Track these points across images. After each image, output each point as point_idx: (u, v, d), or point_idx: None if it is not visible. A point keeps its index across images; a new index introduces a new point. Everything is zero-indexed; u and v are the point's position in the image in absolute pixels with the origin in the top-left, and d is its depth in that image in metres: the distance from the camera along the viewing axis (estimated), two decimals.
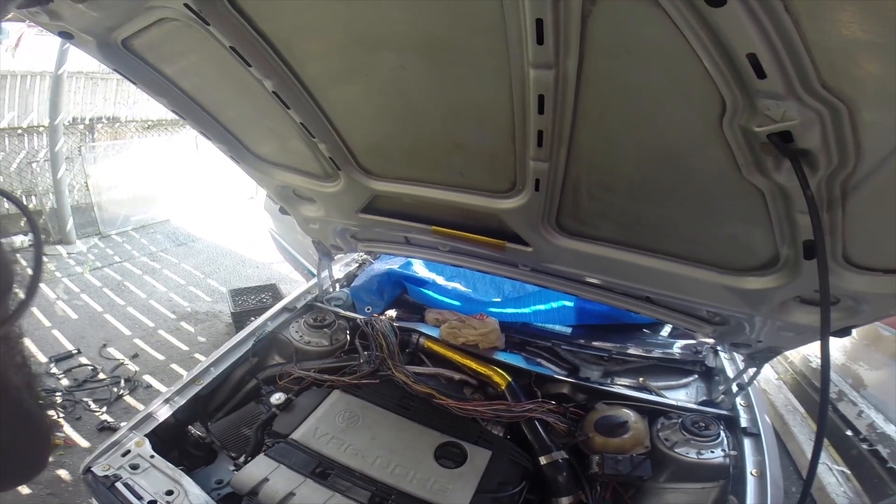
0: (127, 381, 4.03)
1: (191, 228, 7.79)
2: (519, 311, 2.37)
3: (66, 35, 1.22)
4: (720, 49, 0.74)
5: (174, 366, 4.29)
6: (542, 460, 1.64)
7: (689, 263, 1.36)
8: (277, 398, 1.75)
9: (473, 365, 1.99)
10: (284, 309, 2.29)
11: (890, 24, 0.61)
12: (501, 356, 2.03)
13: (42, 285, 5.58)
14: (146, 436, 1.58)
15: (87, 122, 7.23)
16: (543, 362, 2.11)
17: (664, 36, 0.76)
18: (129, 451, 1.52)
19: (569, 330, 2.34)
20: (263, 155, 1.74)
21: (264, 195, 4.33)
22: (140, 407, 3.27)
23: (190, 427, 1.74)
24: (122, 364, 4.27)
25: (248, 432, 1.73)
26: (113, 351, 4.46)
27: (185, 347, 4.61)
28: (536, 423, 1.74)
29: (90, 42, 1.24)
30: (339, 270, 2.71)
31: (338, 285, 2.57)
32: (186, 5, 1.07)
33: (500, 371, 1.94)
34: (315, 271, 2.40)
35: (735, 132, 0.88)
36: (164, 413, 1.69)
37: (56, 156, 6.34)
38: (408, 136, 1.36)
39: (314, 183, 1.74)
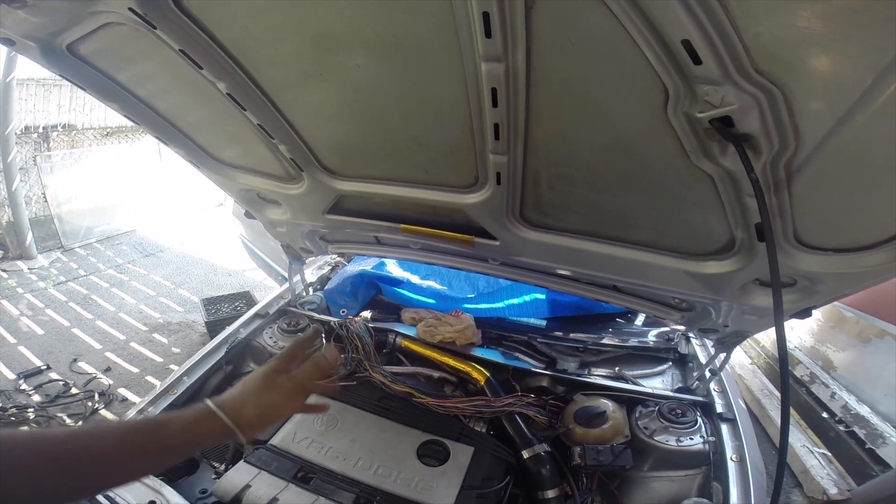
0: (101, 394, 3.92)
1: (158, 238, 7.60)
2: (493, 305, 2.39)
3: (6, 41, 1.18)
4: (656, 36, 0.76)
5: (149, 378, 4.19)
6: (525, 454, 1.65)
7: (651, 251, 1.38)
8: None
9: (452, 362, 2.00)
10: (257, 315, 2.26)
11: (811, 8, 0.64)
12: (479, 352, 2.04)
13: (4, 302, 5.38)
14: None
15: (40, 130, 6.97)
16: (521, 356, 2.13)
17: (604, 25, 0.77)
18: None
19: (544, 323, 2.37)
20: (223, 158, 1.71)
21: (234, 201, 4.25)
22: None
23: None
24: (94, 378, 4.15)
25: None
26: (84, 365, 4.33)
27: (159, 359, 4.50)
28: (517, 417, 1.76)
29: (32, 48, 1.20)
30: (311, 274, 2.68)
31: (311, 289, 2.54)
32: (131, 9, 1.04)
33: (479, 367, 1.95)
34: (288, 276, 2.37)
35: (680, 119, 0.90)
36: None
37: (9, 166, 6.09)
38: (368, 135, 1.36)
39: (277, 185, 1.71)
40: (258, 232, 3.93)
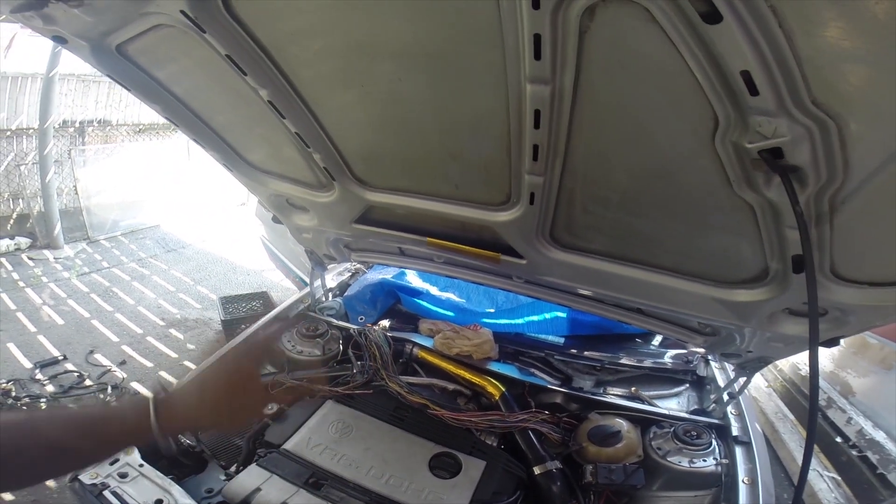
0: (114, 388, 3.96)
1: (181, 234, 7.72)
2: (512, 321, 2.38)
3: (59, 39, 1.21)
4: (714, 66, 0.75)
5: (163, 373, 4.23)
6: (536, 470, 1.64)
7: (681, 276, 1.37)
8: (269, 408, 1.73)
9: (467, 375, 1.98)
10: (276, 318, 2.27)
11: (877, 39, 0.63)
12: (495, 366, 2.03)
13: (28, 290, 5.50)
14: None
15: (77, 125, 7.18)
16: (537, 372, 2.12)
17: (660, 52, 0.77)
18: (117, 460, 1.48)
19: (561, 340, 2.35)
20: (256, 163, 1.74)
21: (256, 202, 4.31)
22: None
23: (179, 435, 1.71)
24: (109, 371, 4.20)
25: (240, 442, 1.71)
26: (100, 357, 4.38)
27: (174, 355, 4.55)
28: (530, 433, 1.74)
29: (84, 47, 1.23)
30: (331, 280, 2.69)
31: (330, 295, 2.55)
32: (183, 12, 1.06)
33: (494, 381, 1.94)
34: (307, 280, 2.38)
35: (727, 148, 0.89)
36: None
37: (45, 159, 6.28)
38: (403, 147, 1.37)
39: (308, 192, 1.73)
40: (279, 233, 3.98)
